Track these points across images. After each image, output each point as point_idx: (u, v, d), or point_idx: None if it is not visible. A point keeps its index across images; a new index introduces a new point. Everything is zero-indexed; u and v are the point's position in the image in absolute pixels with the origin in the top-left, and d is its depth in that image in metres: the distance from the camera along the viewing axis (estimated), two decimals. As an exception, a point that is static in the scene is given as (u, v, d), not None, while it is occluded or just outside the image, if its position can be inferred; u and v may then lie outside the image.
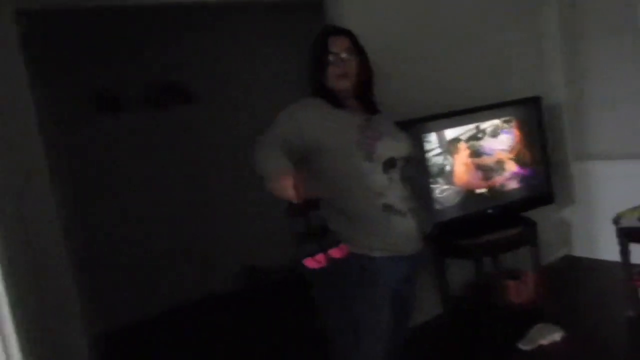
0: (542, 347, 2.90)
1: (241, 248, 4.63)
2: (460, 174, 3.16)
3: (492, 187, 3.28)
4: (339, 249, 1.59)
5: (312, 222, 1.59)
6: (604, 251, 3.80)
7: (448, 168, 3.11)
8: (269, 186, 1.62)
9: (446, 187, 3.10)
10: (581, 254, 4.11)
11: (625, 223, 3.03)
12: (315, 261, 1.55)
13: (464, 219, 3.15)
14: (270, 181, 1.62)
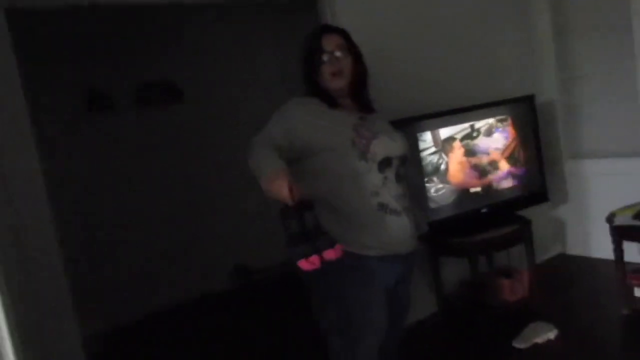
0: (536, 345, 2.90)
1: (234, 247, 4.63)
2: (455, 172, 3.17)
3: (487, 186, 3.29)
4: (334, 251, 1.57)
5: (306, 223, 1.58)
6: (597, 249, 3.81)
7: (443, 167, 3.11)
8: (263, 187, 1.61)
9: (441, 186, 3.10)
10: (575, 252, 4.12)
11: (618, 221, 3.03)
12: (309, 263, 1.53)
13: (459, 218, 3.15)
14: (264, 182, 1.60)
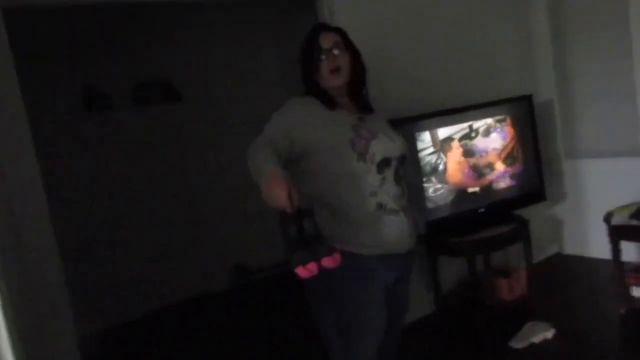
0: (533, 345, 2.91)
1: (234, 247, 4.62)
2: (454, 172, 3.17)
3: (485, 186, 3.29)
4: (332, 259, 1.56)
5: (305, 230, 1.56)
6: (595, 249, 3.82)
7: (441, 167, 3.11)
8: (262, 193, 1.59)
9: (439, 186, 3.10)
10: (572, 251, 4.13)
11: (616, 221, 3.04)
12: (307, 270, 1.52)
13: (457, 217, 3.16)
14: (263, 189, 1.59)
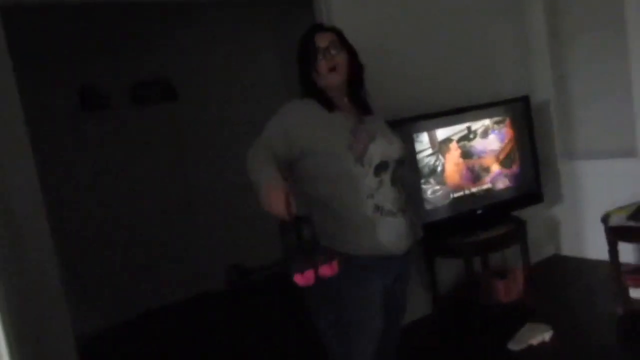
0: (531, 347, 2.90)
1: (231, 246, 4.60)
2: (452, 174, 3.17)
3: (482, 187, 3.29)
4: (330, 267, 1.55)
5: (304, 237, 1.56)
6: (592, 250, 3.82)
7: (439, 168, 3.11)
8: (260, 202, 1.59)
9: (437, 188, 3.10)
10: (570, 252, 4.13)
11: (613, 222, 3.03)
12: (305, 278, 1.52)
13: (454, 219, 3.16)
14: (261, 196, 1.59)
